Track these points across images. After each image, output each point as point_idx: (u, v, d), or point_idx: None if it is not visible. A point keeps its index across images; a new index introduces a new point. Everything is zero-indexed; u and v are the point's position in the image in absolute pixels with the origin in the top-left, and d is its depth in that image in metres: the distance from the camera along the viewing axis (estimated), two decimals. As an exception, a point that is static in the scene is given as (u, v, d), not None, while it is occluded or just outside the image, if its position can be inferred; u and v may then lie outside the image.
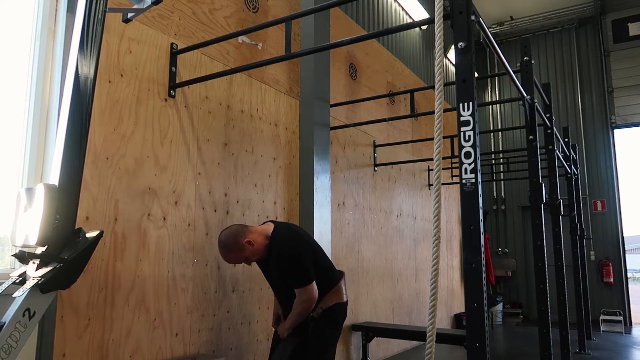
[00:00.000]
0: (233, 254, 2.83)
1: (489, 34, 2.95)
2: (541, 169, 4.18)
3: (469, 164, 2.08)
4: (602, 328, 8.15)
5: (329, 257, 3.79)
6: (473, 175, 2.07)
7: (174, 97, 3.20)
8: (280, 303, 3.07)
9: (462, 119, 2.11)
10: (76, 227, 1.82)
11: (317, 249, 3.00)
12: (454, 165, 7.23)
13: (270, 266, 2.92)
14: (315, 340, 2.83)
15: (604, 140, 9.39)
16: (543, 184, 4.00)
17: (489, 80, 10.76)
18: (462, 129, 2.11)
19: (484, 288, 2.01)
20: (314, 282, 2.80)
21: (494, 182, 10.03)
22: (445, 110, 2.18)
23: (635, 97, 9.22)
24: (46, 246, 1.72)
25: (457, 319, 8.08)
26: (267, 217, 3.93)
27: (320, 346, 2.86)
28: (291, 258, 2.79)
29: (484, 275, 2.02)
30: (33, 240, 1.71)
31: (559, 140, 5.97)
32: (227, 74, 3.28)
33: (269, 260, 2.88)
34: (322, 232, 4.23)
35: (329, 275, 2.94)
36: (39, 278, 1.67)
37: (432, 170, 7.34)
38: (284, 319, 3.00)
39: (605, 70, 9.52)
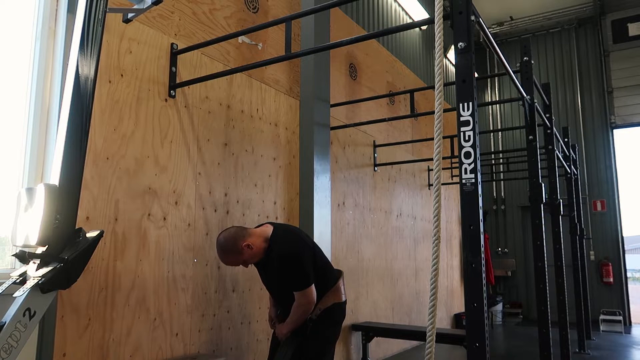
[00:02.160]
0: (231, 257, 2.81)
1: (489, 34, 2.95)
2: (541, 169, 4.18)
3: (469, 164, 2.08)
4: (601, 328, 8.15)
5: (329, 257, 3.80)
6: (473, 175, 2.07)
7: (174, 97, 3.20)
8: (277, 305, 3.06)
9: (462, 119, 2.12)
10: (76, 227, 1.82)
11: (315, 249, 2.98)
12: (454, 165, 7.24)
13: (268, 269, 2.90)
14: (315, 340, 2.82)
15: (604, 140, 9.39)
16: (543, 184, 4.00)
17: (489, 80, 10.77)
18: (462, 129, 2.11)
19: (484, 288, 2.02)
20: (313, 286, 2.78)
21: (494, 182, 10.03)
22: (445, 110, 2.18)
23: (635, 97, 9.22)
24: (46, 246, 1.72)
25: (457, 319, 8.08)
26: (267, 217, 3.93)
27: (320, 346, 2.86)
28: (291, 262, 2.77)
29: (484, 275, 2.03)
30: (33, 240, 1.71)
31: (559, 140, 5.97)
32: (227, 74, 3.29)
33: (268, 263, 2.86)
34: (322, 232, 4.23)
35: (327, 276, 2.93)
36: (40, 278, 1.67)
37: (432, 170, 7.34)
38: (279, 320, 2.99)
39: (604, 71, 9.53)
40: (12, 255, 1.84)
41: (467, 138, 2.09)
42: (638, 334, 8.00)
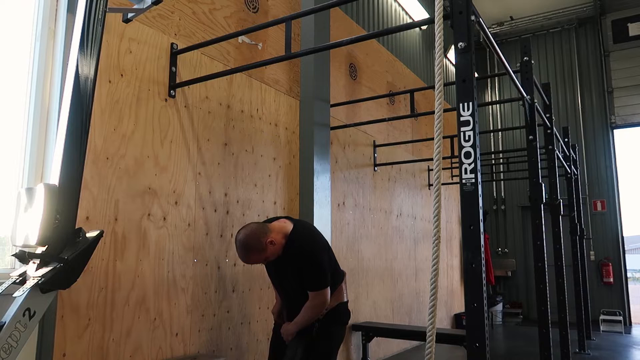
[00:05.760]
0: (255, 255, 2.71)
1: (489, 34, 2.95)
2: (541, 169, 4.18)
3: (469, 164, 2.08)
4: (601, 328, 8.15)
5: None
6: (473, 175, 2.07)
7: (174, 97, 3.20)
8: (287, 304, 2.98)
9: (462, 119, 2.12)
10: (76, 227, 1.81)
11: (330, 250, 2.96)
12: (454, 165, 7.23)
13: (283, 266, 2.82)
14: (322, 341, 2.79)
15: (604, 140, 9.39)
16: (543, 184, 4.00)
17: (489, 80, 10.76)
18: (462, 129, 2.11)
19: (484, 288, 2.02)
20: (328, 287, 2.74)
21: (494, 182, 10.03)
22: (445, 110, 2.18)
23: (635, 97, 9.22)
24: (46, 246, 1.72)
25: (457, 319, 8.08)
26: (267, 217, 3.92)
27: (327, 347, 2.83)
28: (312, 261, 2.72)
29: (484, 275, 2.03)
30: (33, 240, 1.71)
31: (559, 140, 5.97)
32: (227, 74, 3.29)
33: (283, 259, 2.78)
34: (322, 232, 4.21)
35: (334, 277, 2.91)
36: (39, 278, 1.67)
37: (432, 170, 7.34)
38: (287, 319, 2.96)
39: (605, 71, 9.53)
40: (12, 255, 1.84)
41: (467, 138, 2.09)
42: (638, 334, 8.00)
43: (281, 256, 2.77)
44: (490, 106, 10.68)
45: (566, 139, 6.90)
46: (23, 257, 1.76)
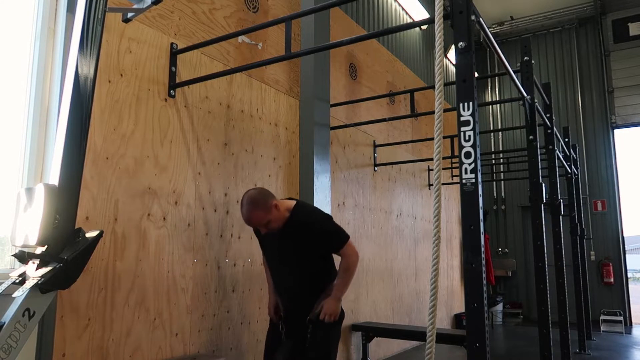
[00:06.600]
0: (260, 213, 2.71)
1: (489, 34, 2.94)
2: (541, 169, 4.17)
3: (469, 164, 2.08)
4: (602, 328, 8.14)
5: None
6: (473, 175, 2.06)
7: (174, 97, 3.20)
8: (280, 285, 2.93)
9: (462, 119, 2.11)
10: (76, 227, 1.81)
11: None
12: (454, 165, 7.23)
13: (286, 240, 2.82)
14: (318, 342, 2.76)
15: (604, 140, 9.38)
16: (543, 184, 4.00)
17: (489, 80, 10.76)
18: (462, 129, 2.10)
19: (484, 288, 2.01)
20: (350, 238, 2.87)
21: (494, 182, 10.03)
22: (445, 110, 2.17)
23: (635, 97, 9.22)
24: (46, 246, 1.72)
25: (457, 319, 8.08)
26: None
27: (324, 347, 2.80)
28: (321, 225, 2.84)
29: (484, 275, 2.02)
30: (33, 240, 1.71)
31: (559, 140, 5.97)
32: (227, 74, 3.28)
33: (286, 233, 2.80)
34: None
35: (331, 274, 2.92)
36: (39, 278, 1.67)
37: (432, 170, 7.34)
38: (283, 310, 2.92)
39: (605, 70, 9.52)
40: (12, 255, 1.84)
41: (467, 138, 2.09)
42: (639, 334, 7.99)
43: (284, 229, 2.80)
44: (490, 106, 10.67)
45: (566, 139, 6.90)
46: (23, 257, 1.76)
